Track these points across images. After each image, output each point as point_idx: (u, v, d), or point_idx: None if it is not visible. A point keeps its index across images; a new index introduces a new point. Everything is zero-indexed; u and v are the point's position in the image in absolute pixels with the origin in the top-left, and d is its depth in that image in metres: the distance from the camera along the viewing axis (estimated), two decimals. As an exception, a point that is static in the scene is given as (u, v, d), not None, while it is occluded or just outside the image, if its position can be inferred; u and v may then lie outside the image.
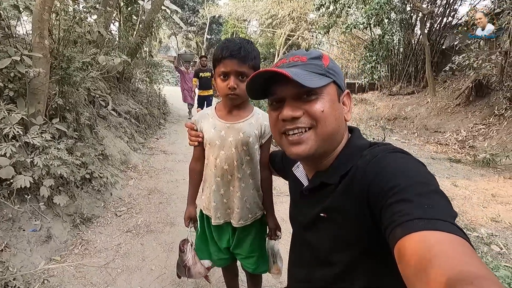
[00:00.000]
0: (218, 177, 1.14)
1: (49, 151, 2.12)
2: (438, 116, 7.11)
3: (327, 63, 0.67)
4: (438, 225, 0.43)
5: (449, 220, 0.44)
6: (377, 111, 9.14)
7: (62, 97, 2.64)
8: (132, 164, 3.70)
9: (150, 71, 6.88)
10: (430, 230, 0.43)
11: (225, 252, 1.31)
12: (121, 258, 2.04)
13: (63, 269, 1.84)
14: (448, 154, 5.43)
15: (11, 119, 1.95)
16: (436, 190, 0.50)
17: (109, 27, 5.24)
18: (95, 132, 3.25)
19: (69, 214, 2.25)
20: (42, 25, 2.25)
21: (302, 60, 0.67)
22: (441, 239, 0.42)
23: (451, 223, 0.44)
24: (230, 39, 1.04)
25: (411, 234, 0.43)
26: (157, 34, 8.82)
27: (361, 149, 0.66)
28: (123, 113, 4.76)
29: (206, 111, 1.18)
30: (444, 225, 0.43)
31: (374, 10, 6.96)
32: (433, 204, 0.47)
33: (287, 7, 12.76)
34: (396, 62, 9.29)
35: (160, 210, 2.77)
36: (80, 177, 2.49)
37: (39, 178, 2.03)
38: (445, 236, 0.42)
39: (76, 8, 3.15)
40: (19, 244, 1.80)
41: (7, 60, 2.00)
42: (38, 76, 2.17)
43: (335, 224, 0.67)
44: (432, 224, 0.43)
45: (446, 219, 0.44)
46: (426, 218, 0.44)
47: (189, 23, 19.84)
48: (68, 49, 2.77)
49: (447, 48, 8.27)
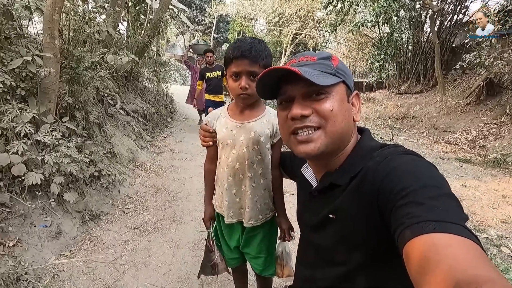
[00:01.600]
0: (230, 176, 1.15)
1: (59, 149, 2.17)
2: (448, 115, 6.99)
3: (337, 63, 0.68)
4: (448, 227, 0.43)
5: (459, 223, 0.44)
6: (385, 110, 9.03)
7: (72, 96, 2.69)
8: (140, 162, 3.75)
9: (158, 70, 6.93)
10: (440, 232, 0.42)
11: (235, 252, 1.32)
12: (128, 255, 2.07)
13: (73, 264, 1.88)
14: (457, 154, 5.33)
15: (23, 118, 2.00)
16: (447, 193, 0.50)
17: (117, 27, 5.30)
18: (103, 131, 3.30)
19: (78, 210, 2.29)
20: (52, 26, 2.30)
21: (312, 60, 0.68)
22: (451, 241, 0.41)
23: (461, 226, 0.44)
24: (241, 39, 1.05)
25: (421, 236, 0.43)
26: (164, 33, 8.87)
27: (372, 151, 0.66)
28: (131, 111, 4.82)
29: (218, 111, 1.20)
30: (454, 228, 0.43)
31: (383, 8, 6.87)
32: (444, 207, 0.46)
33: (294, 5, 12.68)
34: (404, 61, 9.16)
35: (167, 207, 2.80)
36: (89, 175, 2.54)
37: (49, 175, 2.07)
38: (455, 239, 0.42)
39: (85, 8, 3.20)
40: (30, 240, 1.85)
41: (19, 60, 2.05)
42: (49, 76, 2.21)
43: (343, 225, 0.67)
44: (442, 226, 0.43)
45: (457, 222, 0.44)
46: (436, 220, 0.44)
47: (196, 22, 19.91)
48: (77, 48, 2.82)
49: (458, 46, 8.11)
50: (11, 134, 1.98)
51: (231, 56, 1.01)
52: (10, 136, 1.98)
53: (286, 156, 1.15)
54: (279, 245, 1.31)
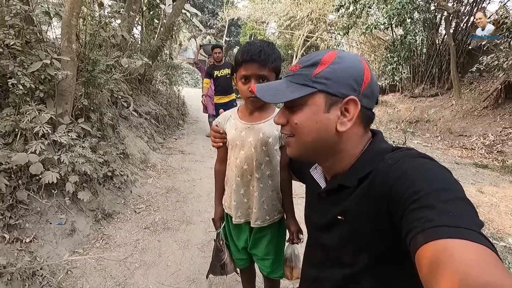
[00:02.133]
0: (238, 177, 1.16)
1: (75, 149, 2.24)
2: (464, 119, 6.80)
3: (320, 70, 0.65)
4: (462, 233, 0.42)
5: (474, 228, 0.43)
6: (398, 113, 8.86)
7: (87, 98, 2.77)
8: (151, 163, 3.82)
9: (170, 73, 7.06)
10: (453, 238, 0.41)
11: (242, 253, 1.34)
12: (139, 253, 2.11)
13: (85, 261, 1.93)
14: (474, 159, 5.18)
15: (41, 119, 2.08)
16: (462, 197, 0.48)
17: (132, 31, 5.44)
18: (117, 132, 3.38)
19: (91, 209, 2.36)
20: (70, 30, 2.39)
21: (293, 70, 0.69)
22: (465, 248, 0.40)
23: (476, 231, 0.42)
24: (252, 42, 1.05)
25: (433, 242, 0.42)
26: (177, 37, 9.03)
27: (383, 153, 0.65)
28: (144, 113, 4.92)
29: (228, 113, 1.22)
30: (468, 234, 0.41)
31: (396, 10, 6.77)
32: (458, 212, 0.45)
33: (306, 9, 12.67)
34: (418, 63, 8.99)
35: (177, 208, 2.84)
36: (102, 174, 2.60)
37: (65, 174, 2.14)
38: (470, 245, 0.40)
39: (101, 13, 3.30)
40: (46, 236, 1.92)
41: (38, 63, 2.14)
42: (66, 78, 2.29)
43: (351, 227, 0.66)
44: (456, 232, 0.42)
45: (471, 228, 0.42)
46: (450, 225, 0.43)
47: (209, 25, 20.20)
48: (93, 52, 2.91)
49: (474, 48, 7.89)
50: (29, 134, 2.05)
51: (241, 60, 1.02)
52: (29, 136, 2.06)
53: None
54: (288, 248, 1.31)
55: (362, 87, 0.64)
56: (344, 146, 0.69)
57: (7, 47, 2.05)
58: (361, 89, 0.64)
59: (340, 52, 0.67)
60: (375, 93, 0.67)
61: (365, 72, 0.64)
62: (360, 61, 0.66)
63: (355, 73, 0.64)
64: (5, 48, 2.02)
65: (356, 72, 0.64)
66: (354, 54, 0.68)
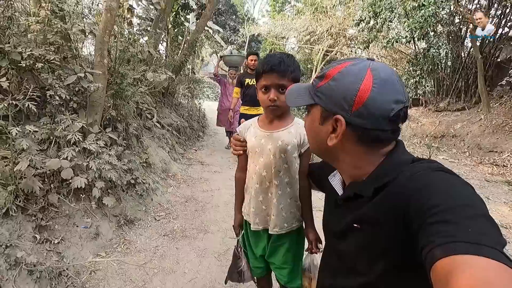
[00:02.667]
0: (257, 183, 1.19)
1: (102, 156, 2.36)
2: (494, 135, 6.45)
3: (322, 84, 0.67)
4: (482, 250, 0.40)
5: (496, 247, 0.41)
6: (422, 128, 8.56)
7: (115, 109, 2.94)
8: (172, 172, 3.92)
9: (192, 87, 7.33)
10: (473, 255, 0.40)
11: (260, 261, 1.34)
12: (157, 260, 2.16)
13: (107, 264, 2.00)
14: (506, 177, 4.87)
15: (74, 127, 2.23)
16: (484, 214, 0.47)
17: (157, 47, 5.75)
18: (140, 142, 3.53)
19: (115, 215, 2.45)
20: (103, 46, 2.58)
21: (314, 78, 0.74)
22: (485, 265, 0.38)
23: (498, 250, 0.40)
24: (272, 54, 1.12)
25: (452, 257, 0.41)
26: (200, 52, 9.40)
27: (402, 164, 0.64)
28: (166, 125, 5.10)
29: (249, 122, 1.27)
30: (489, 252, 0.40)
31: (418, 24, 6.68)
32: (479, 229, 0.43)
33: (326, 24, 12.80)
34: (443, 77, 8.71)
35: (195, 217, 2.89)
36: (126, 182, 2.72)
37: (92, 180, 2.26)
38: (490, 263, 0.39)
39: (131, 30, 3.54)
40: (72, 238, 2.01)
41: (73, 76, 2.32)
42: (98, 90, 2.46)
43: (366, 235, 0.66)
44: (476, 249, 0.40)
45: (493, 246, 0.41)
46: (470, 242, 0.41)
47: (230, 41, 20.86)
48: (122, 66, 3.11)
49: (503, 60, 7.57)
50: (63, 141, 2.20)
51: (261, 70, 1.08)
52: (62, 144, 2.21)
53: (314, 166, 1.17)
54: (307, 257, 1.28)
55: (354, 107, 0.61)
56: (344, 159, 0.71)
57: (48, 62, 2.24)
58: (352, 109, 0.62)
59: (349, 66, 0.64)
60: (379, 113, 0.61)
61: (360, 92, 0.60)
62: (361, 78, 0.61)
63: (347, 93, 0.62)
64: (46, 63, 2.21)
65: (348, 92, 0.62)
66: (362, 69, 0.62)
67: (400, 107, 0.61)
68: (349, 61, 0.65)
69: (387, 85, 0.61)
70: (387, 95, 0.60)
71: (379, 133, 0.63)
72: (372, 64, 0.63)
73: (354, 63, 0.64)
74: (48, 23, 2.35)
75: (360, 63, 0.64)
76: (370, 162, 0.68)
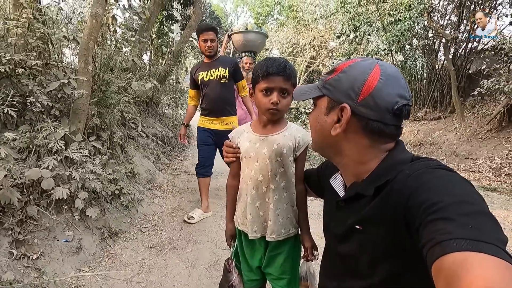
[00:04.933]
0: (253, 189, 1.16)
1: (86, 165, 2.26)
2: (469, 142, 6.79)
3: (331, 77, 0.70)
4: (482, 247, 0.40)
5: (495, 243, 0.41)
6: (402, 136, 8.80)
7: (99, 117, 2.85)
8: (158, 183, 3.81)
9: (177, 97, 7.26)
10: (473, 251, 0.40)
11: (256, 273, 1.28)
12: (145, 273, 2.06)
13: (91, 280, 1.88)
14: (481, 182, 5.11)
15: (56, 135, 2.13)
16: (483, 211, 0.47)
17: (142, 56, 5.68)
18: (125, 151, 3.42)
19: (98, 227, 2.33)
20: (87, 53, 2.51)
21: (323, 74, 0.77)
22: (484, 262, 0.39)
23: (497, 246, 0.41)
24: (273, 57, 1.11)
25: (451, 254, 0.41)
26: (184, 63, 9.36)
27: (402, 163, 0.65)
28: (151, 135, 4.99)
29: (241, 127, 1.25)
30: (489, 248, 0.40)
31: (395, 37, 7.05)
32: (478, 225, 0.44)
33: (308, 36, 13.23)
34: (420, 87, 9.16)
35: (183, 228, 2.80)
36: (110, 192, 2.60)
37: (75, 190, 2.15)
38: (490, 259, 0.39)
39: (116, 38, 3.48)
40: (52, 253, 1.88)
41: (56, 82, 2.23)
42: (81, 98, 2.38)
43: (369, 237, 0.66)
44: (476, 245, 0.40)
45: (492, 242, 0.41)
46: (469, 239, 0.41)
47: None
48: (106, 74, 3.04)
49: (474, 72, 8.08)
50: (43, 150, 2.09)
51: (266, 72, 1.05)
52: (42, 153, 2.10)
53: (311, 172, 1.16)
54: (303, 265, 1.25)
55: (360, 97, 0.64)
56: (347, 152, 0.71)
57: (29, 67, 2.15)
58: (358, 98, 0.64)
59: (359, 61, 0.68)
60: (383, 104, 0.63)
61: (368, 82, 0.63)
62: (369, 71, 0.64)
63: (355, 83, 0.65)
64: (27, 68, 2.12)
65: (356, 81, 0.65)
66: (371, 64, 0.66)
67: (403, 102, 0.63)
68: (359, 58, 0.70)
69: (393, 79, 0.64)
70: (393, 88, 0.63)
71: (382, 126, 0.65)
72: (380, 61, 0.67)
73: (364, 59, 0.68)
74: (30, 27, 2.27)
75: (369, 59, 0.68)
76: (373, 157, 0.69)
